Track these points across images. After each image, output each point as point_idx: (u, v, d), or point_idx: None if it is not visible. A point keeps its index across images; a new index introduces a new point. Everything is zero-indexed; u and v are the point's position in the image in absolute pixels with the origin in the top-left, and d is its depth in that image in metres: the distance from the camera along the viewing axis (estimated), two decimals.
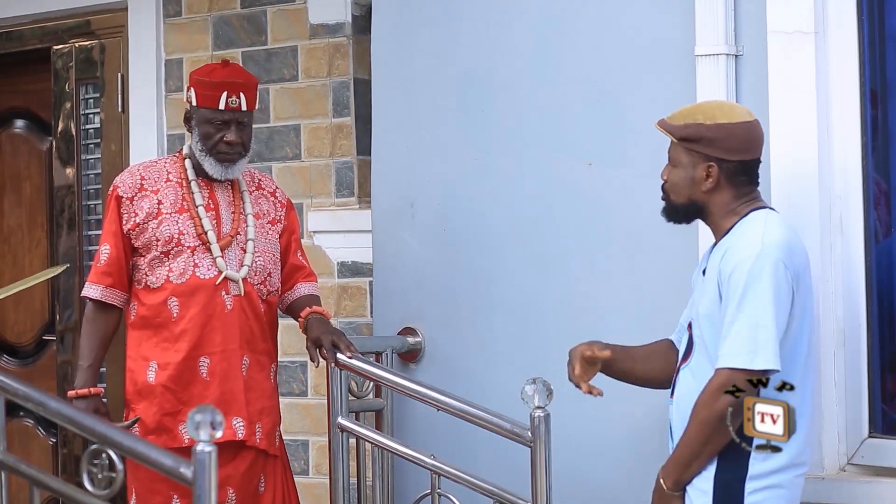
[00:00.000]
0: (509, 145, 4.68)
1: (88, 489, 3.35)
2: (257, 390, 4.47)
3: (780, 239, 3.63)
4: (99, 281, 4.46)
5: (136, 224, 4.42)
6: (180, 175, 4.49)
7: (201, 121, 4.44)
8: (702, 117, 3.75)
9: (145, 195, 4.45)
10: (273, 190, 4.65)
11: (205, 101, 4.43)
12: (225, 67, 4.52)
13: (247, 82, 4.49)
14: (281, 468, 4.53)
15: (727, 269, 3.62)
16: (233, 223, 4.48)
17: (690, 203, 3.77)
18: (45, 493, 3.58)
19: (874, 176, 4.13)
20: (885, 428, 4.08)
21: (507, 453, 4.27)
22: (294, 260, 4.62)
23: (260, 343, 4.49)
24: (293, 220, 4.66)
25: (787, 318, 3.59)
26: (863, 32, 4.11)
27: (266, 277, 4.51)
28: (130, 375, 4.45)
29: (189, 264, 4.40)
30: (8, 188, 6.61)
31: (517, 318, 4.64)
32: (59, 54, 6.24)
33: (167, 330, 4.40)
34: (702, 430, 3.59)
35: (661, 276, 4.33)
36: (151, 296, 4.42)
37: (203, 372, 4.39)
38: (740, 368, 3.53)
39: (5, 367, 6.49)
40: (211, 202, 4.48)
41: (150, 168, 4.53)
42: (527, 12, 4.66)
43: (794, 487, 3.64)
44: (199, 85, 4.46)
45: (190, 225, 4.42)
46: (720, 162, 3.71)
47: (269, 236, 4.55)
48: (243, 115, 4.45)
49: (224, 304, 4.42)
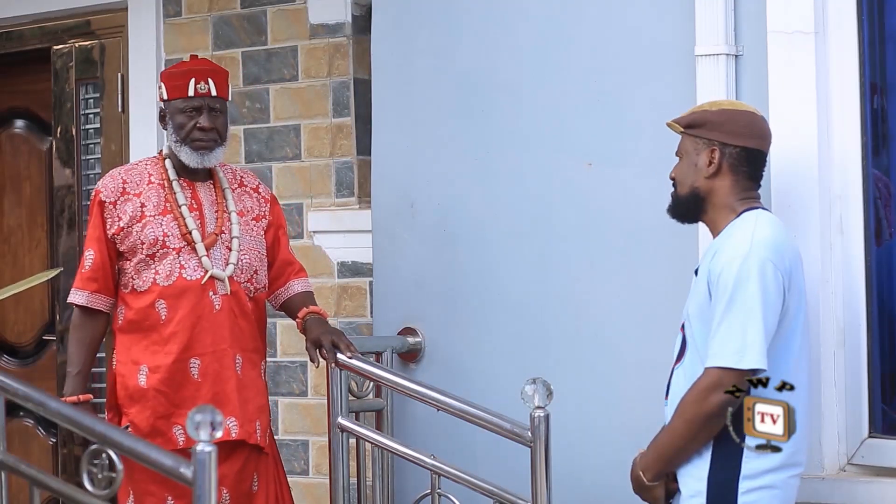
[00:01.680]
0: (509, 145, 4.68)
1: (88, 489, 3.35)
2: (252, 388, 4.46)
3: (769, 238, 3.64)
4: (84, 287, 4.44)
5: (121, 228, 4.41)
6: (162, 176, 4.47)
7: (174, 112, 4.44)
8: (707, 106, 3.85)
9: (128, 199, 4.43)
10: (256, 186, 4.63)
11: (174, 92, 4.43)
12: (194, 60, 4.55)
13: (214, 69, 4.50)
14: (273, 465, 4.53)
15: (716, 269, 3.63)
16: (217, 222, 4.46)
17: (692, 193, 3.78)
18: (45, 493, 3.58)
19: (874, 172, 4.13)
20: (885, 428, 4.08)
21: (507, 453, 4.27)
22: (284, 255, 4.61)
23: (249, 341, 4.48)
24: (278, 214, 4.64)
25: (776, 318, 3.61)
26: (863, 32, 4.11)
27: (253, 275, 4.50)
28: (121, 380, 4.42)
29: (175, 266, 4.38)
30: (8, 188, 6.61)
31: (517, 319, 4.64)
32: (59, 54, 6.24)
33: (156, 333, 4.38)
34: (688, 428, 3.61)
35: (661, 276, 4.33)
36: (139, 299, 4.40)
37: (194, 373, 4.38)
38: (728, 368, 3.55)
39: (5, 367, 6.49)
40: (194, 202, 4.46)
41: (131, 171, 4.51)
42: (527, 12, 4.66)
43: (789, 488, 3.65)
44: (169, 77, 4.48)
45: (174, 226, 4.41)
46: (723, 146, 3.75)
47: (253, 233, 4.53)
48: (214, 100, 4.44)
49: (212, 304, 4.40)
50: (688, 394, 3.62)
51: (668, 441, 3.67)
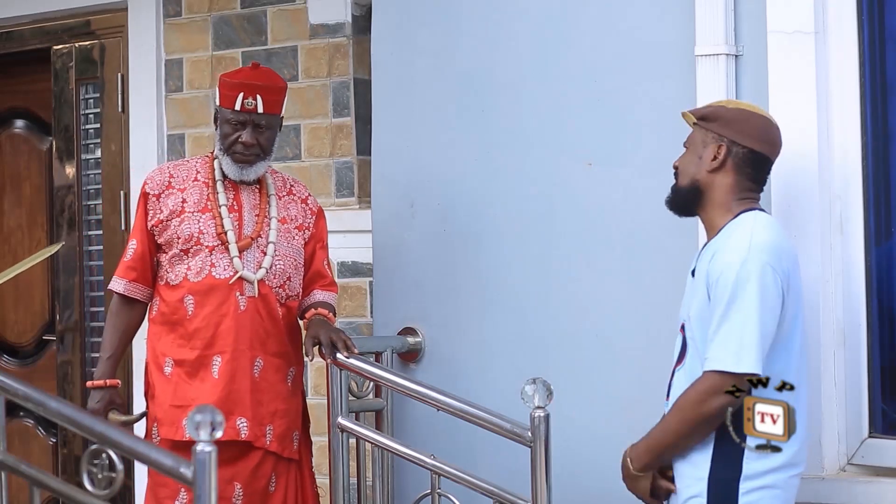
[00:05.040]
0: (509, 145, 4.68)
1: (88, 489, 3.35)
2: (270, 392, 4.46)
3: (767, 241, 3.63)
4: (124, 275, 4.53)
5: (160, 221, 4.48)
6: (208, 175, 4.53)
7: (222, 120, 4.49)
8: (725, 103, 3.87)
9: (172, 192, 4.50)
10: (305, 197, 4.66)
11: (224, 101, 4.48)
12: (252, 70, 4.56)
13: (267, 85, 4.49)
14: (297, 471, 4.54)
15: (715, 272, 3.63)
16: (255, 225, 4.50)
17: (692, 185, 3.78)
18: (45, 493, 3.58)
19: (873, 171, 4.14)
20: (885, 428, 4.08)
21: (507, 453, 4.27)
22: (317, 267, 4.63)
23: (275, 345, 4.49)
24: (322, 228, 4.66)
25: (775, 322, 3.60)
26: (863, 32, 4.12)
27: (286, 281, 4.52)
28: (150, 369, 4.50)
29: (206, 263, 4.43)
30: (8, 188, 6.61)
31: (517, 318, 4.64)
32: (59, 54, 6.23)
33: (182, 327, 4.45)
34: (683, 426, 3.62)
35: (661, 276, 4.33)
36: (170, 293, 4.47)
37: (214, 371, 4.41)
38: (725, 371, 3.55)
39: (5, 367, 6.49)
40: (235, 203, 4.50)
41: (180, 167, 4.58)
42: (527, 12, 4.66)
43: (789, 487, 3.65)
44: (223, 85, 4.51)
45: (210, 224, 4.45)
46: (731, 144, 3.75)
47: (293, 241, 4.56)
48: (260, 117, 4.46)
49: (238, 304, 4.43)
50: (686, 394, 3.63)
51: (661, 436, 3.69)
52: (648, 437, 3.73)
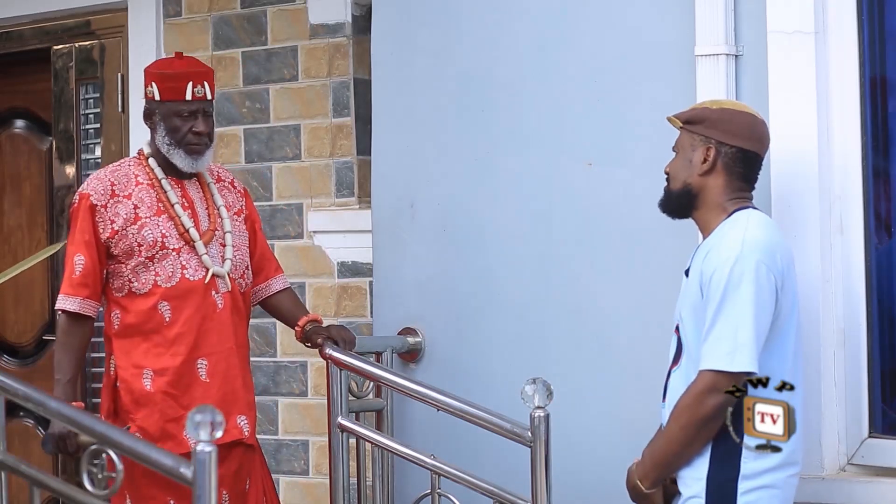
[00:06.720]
0: (509, 145, 4.68)
1: (88, 489, 3.35)
2: (248, 385, 4.48)
3: (761, 239, 3.63)
4: (76, 293, 4.35)
5: (115, 231, 4.35)
6: (149, 176, 4.42)
7: (168, 114, 4.38)
8: (709, 104, 3.85)
9: (119, 200, 4.38)
10: (231, 180, 4.62)
11: (170, 94, 4.37)
12: (184, 59, 4.49)
13: (206, 71, 4.46)
14: (259, 461, 4.53)
15: (709, 271, 3.63)
16: (209, 218, 4.44)
17: (685, 188, 3.78)
18: (45, 493, 3.58)
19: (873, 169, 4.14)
20: (885, 428, 4.08)
21: (507, 453, 4.27)
22: (262, 250, 4.60)
23: (243, 336, 4.48)
24: (252, 207, 4.62)
25: (769, 320, 3.60)
26: (863, 32, 4.12)
27: (245, 270, 4.50)
28: (124, 386, 4.35)
29: (177, 267, 4.36)
30: (8, 188, 6.61)
31: (517, 319, 4.64)
32: (59, 54, 6.24)
33: (159, 335, 4.34)
34: (684, 433, 3.61)
35: (660, 275, 4.33)
36: (138, 302, 4.35)
37: (202, 374, 4.36)
38: (720, 371, 3.54)
39: (5, 367, 6.49)
40: (185, 200, 4.43)
41: (116, 172, 4.45)
42: (527, 12, 4.66)
43: (788, 487, 3.65)
44: (161, 78, 4.40)
45: (171, 226, 4.37)
46: (720, 145, 3.74)
47: (239, 228, 4.52)
48: (209, 104, 4.42)
49: (215, 303, 4.39)
50: (683, 398, 3.62)
51: (665, 447, 3.66)
52: (653, 452, 3.71)
